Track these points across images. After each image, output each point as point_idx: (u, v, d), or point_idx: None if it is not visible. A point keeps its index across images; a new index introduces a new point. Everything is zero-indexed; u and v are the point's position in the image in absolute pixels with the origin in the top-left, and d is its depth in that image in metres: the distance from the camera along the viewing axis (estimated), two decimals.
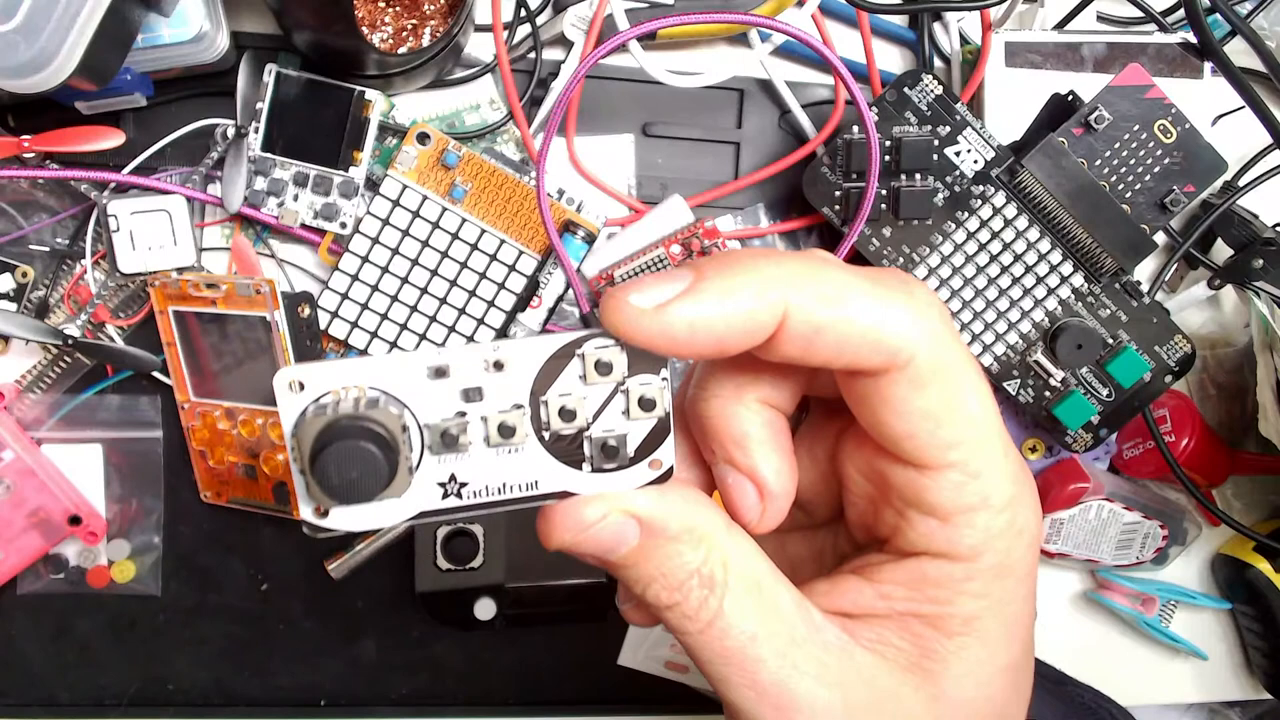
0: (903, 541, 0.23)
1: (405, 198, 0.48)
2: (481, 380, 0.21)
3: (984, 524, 0.22)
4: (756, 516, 0.23)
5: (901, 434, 0.21)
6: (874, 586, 0.23)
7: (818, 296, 0.20)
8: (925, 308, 0.21)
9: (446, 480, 0.21)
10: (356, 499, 0.20)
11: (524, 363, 0.21)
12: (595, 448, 0.21)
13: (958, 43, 0.53)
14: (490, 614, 0.50)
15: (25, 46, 0.36)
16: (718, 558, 0.22)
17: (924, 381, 0.21)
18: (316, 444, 0.19)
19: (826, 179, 0.49)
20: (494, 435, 0.21)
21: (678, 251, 0.49)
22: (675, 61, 0.52)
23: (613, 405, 0.21)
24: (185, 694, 0.53)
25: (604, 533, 0.21)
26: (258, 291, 0.45)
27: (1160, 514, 0.54)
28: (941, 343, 0.21)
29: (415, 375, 0.20)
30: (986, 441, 0.21)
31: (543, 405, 0.21)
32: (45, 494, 0.47)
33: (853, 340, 0.20)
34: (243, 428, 0.48)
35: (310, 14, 0.44)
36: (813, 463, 0.26)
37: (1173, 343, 0.49)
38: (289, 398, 0.20)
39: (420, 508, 0.21)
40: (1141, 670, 0.59)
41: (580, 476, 0.21)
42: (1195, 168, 0.47)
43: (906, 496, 0.22)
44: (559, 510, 0.21)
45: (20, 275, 0.48)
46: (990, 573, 0.22)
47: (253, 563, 0.52)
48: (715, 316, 0.20)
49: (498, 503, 0.21)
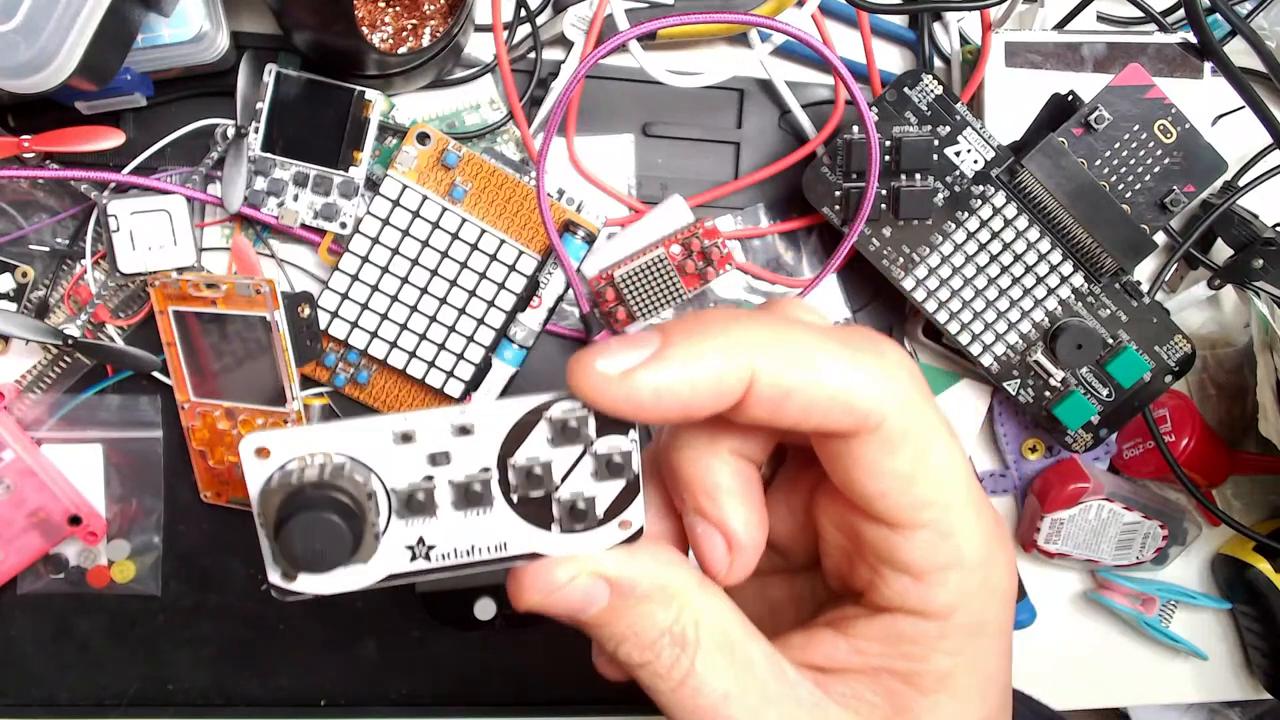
0: (877, 597, 0.23)
1: (405, 198, 0.48)
2: (448, 444, 0.21)
3: (957, 583, 0.22)
4: (725, 568, 0.23)
5: (873, 494, 0.21)
6: (848, 641, 0.23)
7: (785, 360, 0.20)
8: (895, 369, 0.21)
9: (415, 543, 0.21)
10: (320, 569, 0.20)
11: (491, 426, 0.21)
12: (564, 510, 0.21)
13: (958, 43, 0.53)
14: (490, 614, 0.50)
15: (25, 46, 0.36)
16: (689, 616, 0.22)
17: (895, 443, 0.21)
18: (281, 513, 0.20)
19: (826, 179, 0.49)
20: (461, 499, 0.21)
21: (678, 251, 0.49)
22: (675, 61, 0.52)
23: (581, 467, 0.21)
24: (185, 694, 0.53)
25: (573, 594, 0.21)
26: (258, 291, 0.45)
27: (1160, 514, 0.54)
28: (912, 404, 0.21)
29: (382, 440, 0.21)
30: (959, 501, 0.22)
31: (510, 468, 0.21)
32: (45, 494, 0.47)
33: (821, 403, 0.20)
34: (243, 428, 0.48)
35: (310, 14, 0.44)
36: (790, 511, 0.26)
37: (1173, 343, 0.49)
38: (254, 464, 0.20)
39: (388, 570, 0.21)
40: (1141, 670, 0.59)
41: (549, 537, 0.22)
42: (1195, 168, 0.47)
43: (880, 553, 0.22)
44: (528, 572, 0.22)
45: (20, 275, 0.48)
46: (964, 630, 0.22)
47: (253, 563, 0.52)
48: (681, 382, 0.20)
49: (466, 564, 0.22)
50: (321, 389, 0.51)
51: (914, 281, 0.49)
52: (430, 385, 0.50)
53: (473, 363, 0.50)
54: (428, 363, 0.49)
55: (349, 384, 0.50)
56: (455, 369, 0.50)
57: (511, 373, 0.50)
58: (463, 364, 0.50)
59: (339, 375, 0.50)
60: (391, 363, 0.49)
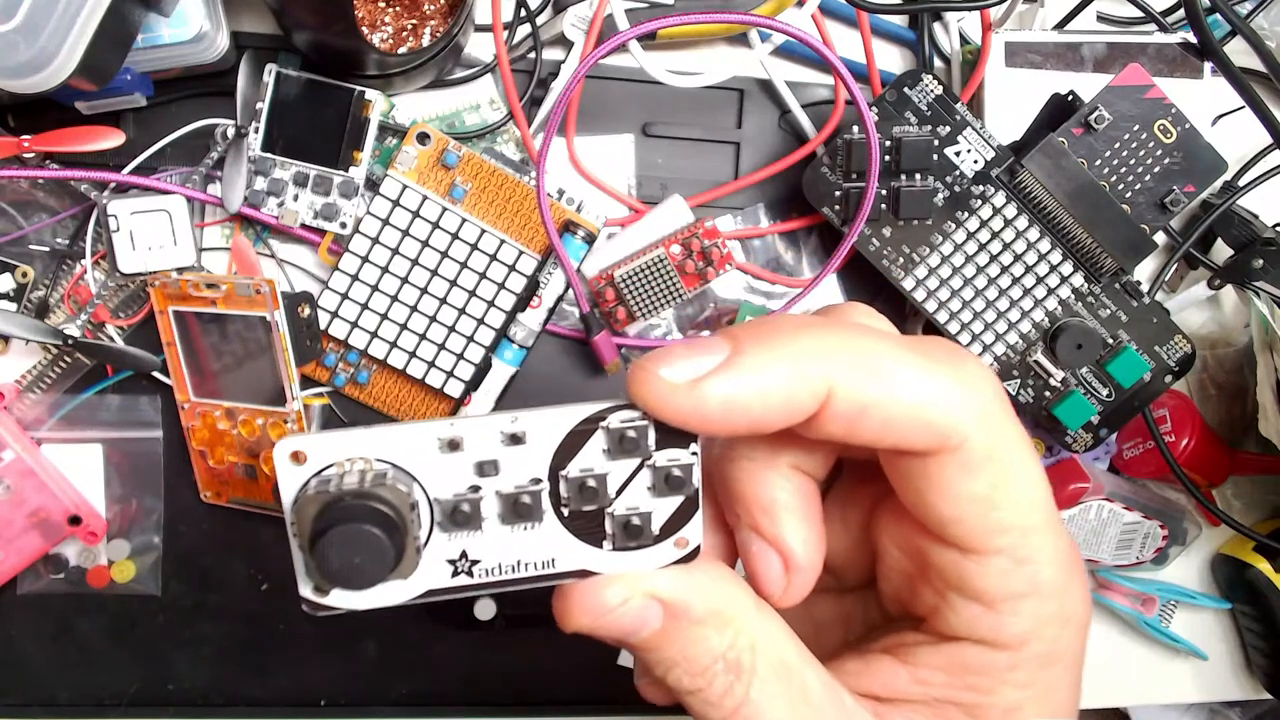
0: (942, 624, 0.21)
1: (405, 198, 0.48)
2: (497, 453, 0.19)
3: (1032, 611, 0.20)
4: (780, 590, 0.22)
5: (948, 518, 0.20)
6: (909, 670, 0.22)
7: (864, 372, 0.19)
8: (978, 384, 0.20)
9: (457, 558, 0.20)
10: (358, 585, 0.19)
11: (544, 436, 0.19)
12: (618, 526, 0.20)
13: (958, 43, 0.53)
14: (490, 614, 0.50)
15: (25, 46, 0.36)
16: (745, 641, 0.20)
17: (975, 465, 0.19)
18: (317, 525, 0.18)
19: (826, 179, 0.49)
20: (509, 512, 0.20)
21: (678, 251, 0.49)
22: (675, 61, 0.52)
23: (638, 481, 0.20)
24: (185, 694, 0.53)
25: (625, 617, 0.20)
26: (258, 291, 0.45)
27: (1160, 514, 0.54)
28: (994, 423, 0.19)
29: (427, 447, 0.19)
30: (1038, 526, 0.20)
31: (563, 481, 0.20)
32: (45, 494, 0.47)
33: (900, 421, 0.19)
34: (243, 428, 0.48)
35: (310, 14, 0.44)
36: (844, 528, 0.24)
37: (1173, 343, 0.49)
38: (290, 470, 0.19)
39: (428, 586, 0.20)
40: (1141, 670, 0.59)
41: (600, 555, 0.20)
42: (1195, 168, 0.47)
43: (949, 579, 0.21)
44: (577, 592, 0.20)
45: (20, 275, 0.48)
46: (1036, 662, 0.21)
47: (253, 563, 0.52)
48: (752, 395, 0.18)
49: (511, 581, 0.20)
50: (321, 389, 0.51)
51: (914, 281, 0.49)
52: (430, 385, 0.50)
53: (473, 363, 0.50)
54: (428, 363, 0.49)
55: (349, 384, 0.50)
56: (455, 369, 0.50)
57: (511, 373, 0.50)
58: (463, 364, 0.50)
59: (339, 375, 0.50)
60: (391, 363, 0.49)
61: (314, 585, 0.20)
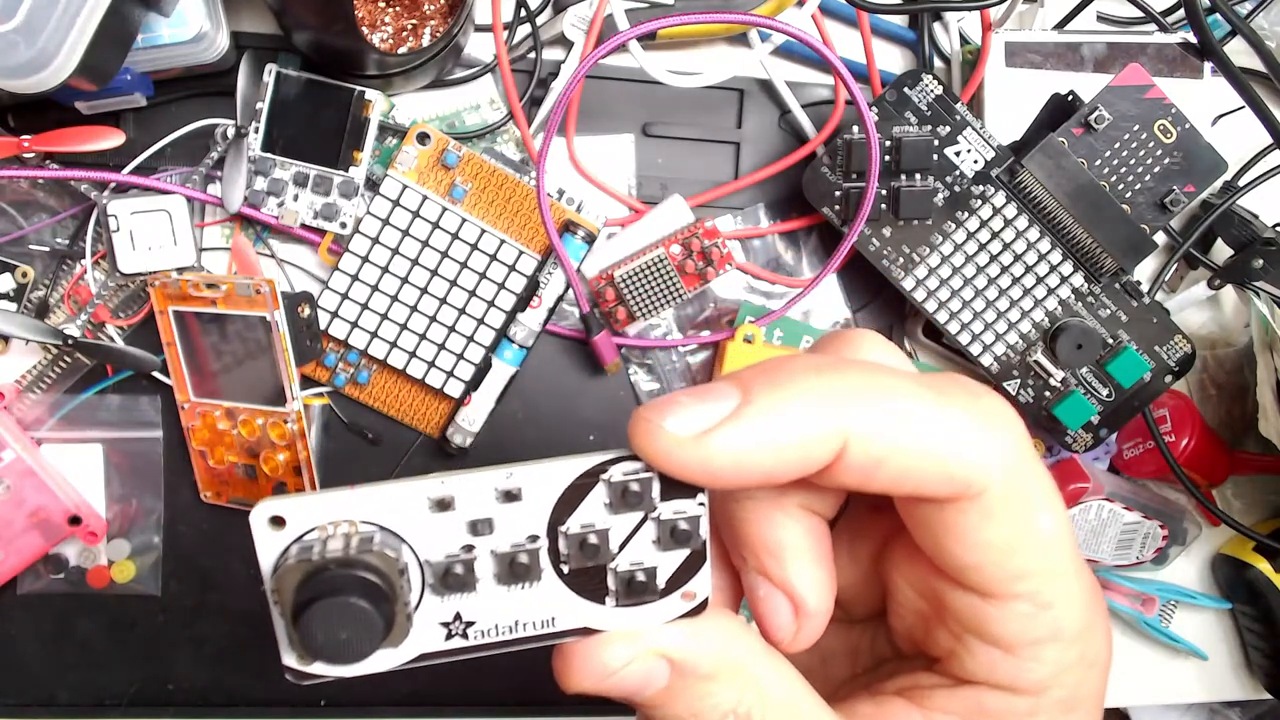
0: (958, 668, 0.21)
1: (405, 198, 0.48)
2: (492, 511, 0.18)
3: (1054, 657, 0.20)
4: (789, 635, 0.21)
5: (967, 565, 0.19)
6: (924, 714, 0.21)
7: (880, 421, 0.18)
8: (999, 427, 0.19)
9: (451, 620, 0.19)
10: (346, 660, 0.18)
11: (541, 491, 0.18)
12: (621, 582, 0.19)
13: (958, 43, 0.53)
14: None
15: (25, 46, 0.36)
16: (753, 696, 0.19)
17: (996, 512, 0.19)
18: (299, 597, 0.17)
19: (826, 179, 0.49)
20: (505, 572, 0.19)
21: (678, 251, 0.49)
22: (675, 61, 0.52)
23: (641, 534, 0.19)
24: (185, 694, 0.53)
25: (630, 677, 0.19)
26: (258, 291, 0.45)
27: (1160, 514, 0.54)
28: (1016, 468, 0.19)
29: (415, 507, 0.18)
30: (1061, 570, 0.19)
31: (562, 537, 0.19)
32: (45, 494, 0.47)
33: (919, 471, 0.18)
34: (243, 428, 0.48)
35: (310, 14, 0.44)
36: (853, 561, 0.23)
37: (1173, 343, 0.49)
38: (267, 535, 0.18)
39: (420, 651, 0.19)
40: (1141, 670, 0.59)
41: (603, 612, 0.19)
42: (1195, 168, 0.47)
43: (966, 623, 0.20)
44: (579, 651, 0.19)
45: (20, 275, 0.48)
46: (1057, 708, 0.20)
47: (253, 563, 0.52)
48: (764, 448, 0.17)
49: (509, 642, 0.19)
50: (321, 389, 0.51)
51: (914, 281, 0.49)
52: (430, 385, 0.50)
53: (473, 363, 0.50)
54: (428, 363, 0.49)
55: (349, 384, 0.50)
56: (455, 369, 0.50)
57: (511, 373, 0.50)
58: (463, 364, 0.50)
59: (339, 375, 0.50)
60: (391, 363, 0.49)
61: (297, 655, 0.19)
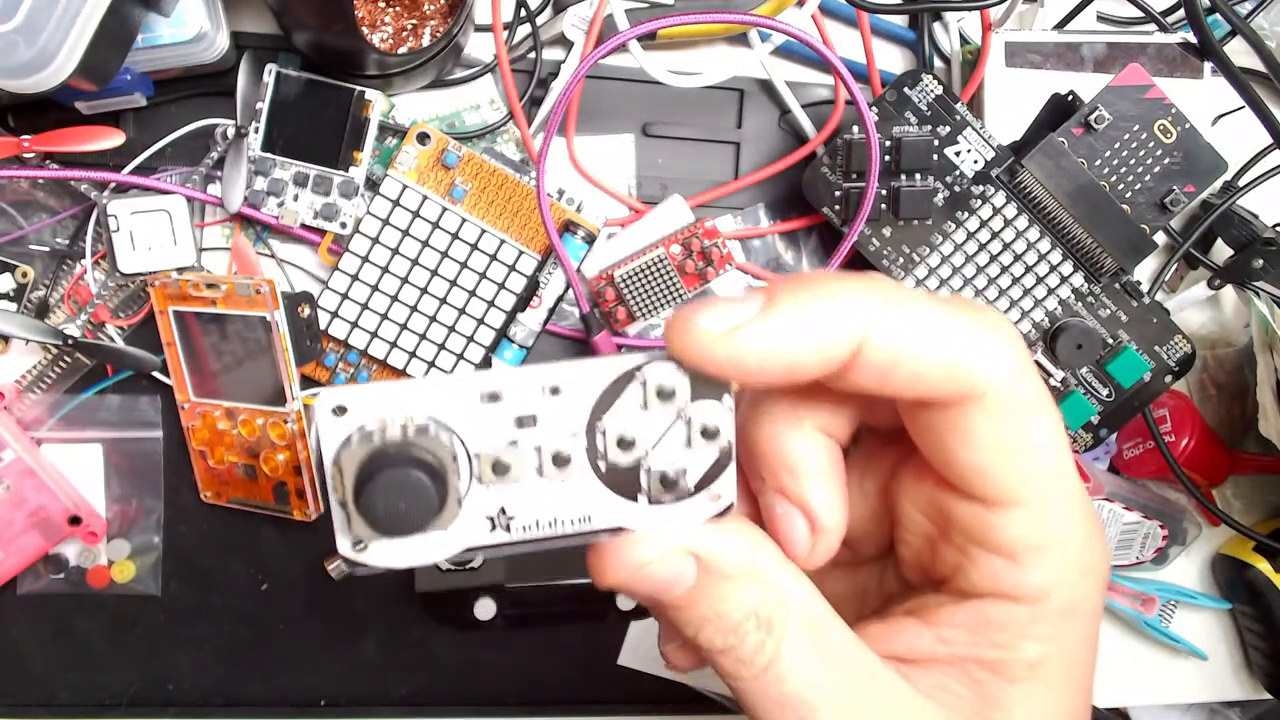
0: (964, 582, 0.21)
1: (405, 198, 0.48)
2: (536, 407, 0.20)
3: (1053, 563, 0.21)
4: (806, 551, 0.22)
5: (972, 468, 0.20)
6: (932, 630, 0.22)
7: (896, 324, 0.19)
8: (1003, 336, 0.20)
9: (495, 513, 0.20)
10: (403, 531, 0.19)
11: (582, 388, 0.20)
12: (653, 479, 0.20)
13: (958, 43, 0.53)
14: (490, 614, 0.50)
15: (25, 46, 0.36)
16: (775, 598, 0.20)
17: (1000, 413, 0.20)
18: (362, 473, 0.18)
19: (826, 179, 0.49)
20: (547, 465, 0.20)
21: (678, 251, 0.49)
22: (675, 61, 0.52)
23: (673, 434, 0.20)
24: (185, 694, 0.53)
25: (660, 572, 0.20)
26: (258, 291, 0.45)
27: (1160, 514, 0.54)
28: (1019, 374, 0.20)
29: (466, 400, 0.19)
30: (1058, 476, 0.20)
31: (600, 433, 0.20)
32: (45, 494, 0.47)
33: (929, 370, 0.19)
34: (243, 428, 0.48)
35: (310, 14, 0.44)
36: (862, 497, 0.24)
37: (1173, 343, 0.49)
38: (331, 423, 0.19)
39: (467, 543, 0.20)
40: (1141, 670, 0.59)
41: (636, 510, 0.20)
42: (1195, 168, 0.47)
43: (971, 534, 0.21)
44: (613, 548, 0.20)
45: (20, 275, 0.48)
46: (1057, 615, 0.21)
47: (253, 563, 0.52)
48: (788, 343, 0.19)
49: (548, 538, 0.20)
50: (321, 389, 0.51)
51: (914, 282, 0.49)
52: None
53: (473, 363, 0.50)
54: (428, 363, 0.49)
55: (349, 384, 0.50)
56: (455, 369, 0.50)
57: None
58: (463, 364, 0.50)
59: (339, 375, 0.50)
60: (391, 363, 0.49)
61: (353, 540, 0.20)
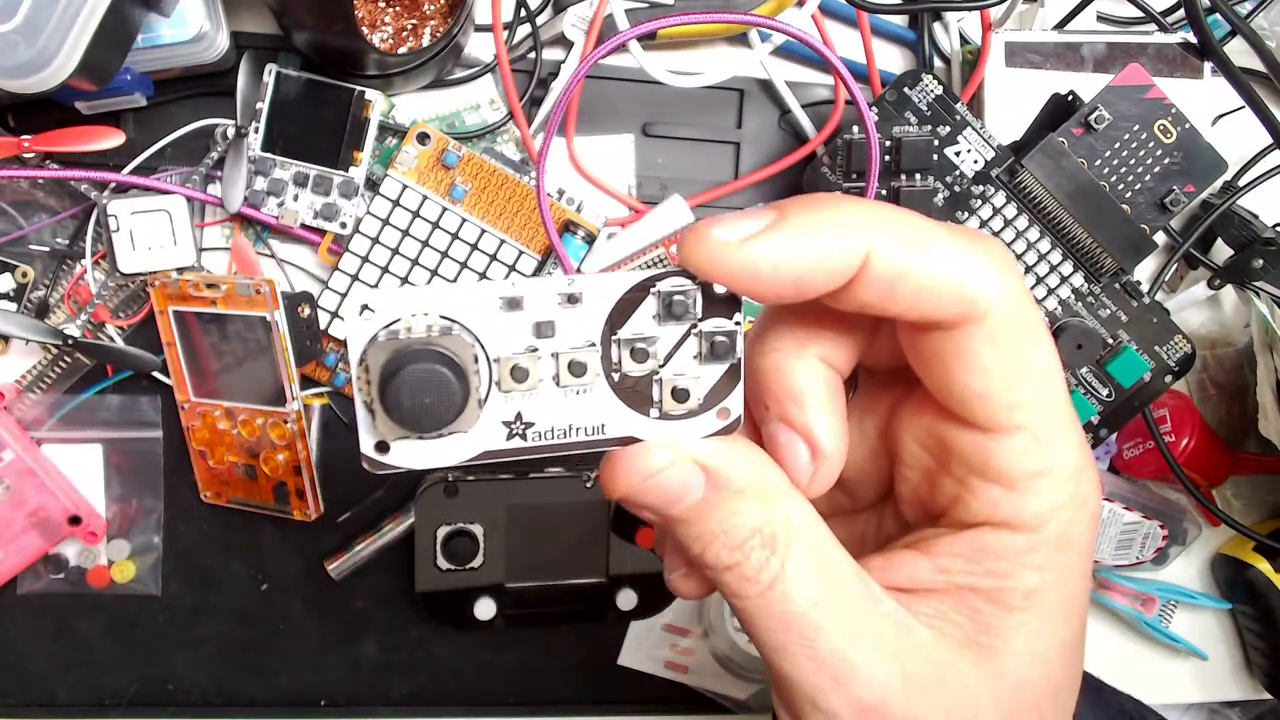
0: (963, 511, 0.22)
1: (405, 198, 0.48)
2: (555, 314, 0.20)
3: (1050, 491, 0.21)
4: (807, 478, 0.22)
5: (971, 392, 0.21)
6: (931, 560, 0.22)
7: (901, 241, 0.20)
8: (1003, 261, 0.20)
9: (513, 419, 0.21)
10: (427, 426, 0.19)
11: (599, 298, 0.20)
12: (665, 391, 0.21)
13: (958, 43, 0.53)
14: (490, 614, 0.50)
15: (25, 46, 0.36)
16: (780, 516, 0.21)
17: (998, 336, 0.20)
18: (388, 369, 0.19)
19: (826, 179, 0.49)
20: (564, 373, 0.20)
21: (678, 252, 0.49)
22: (675, 61, 0.52)
23: (685, 348, 0.21)
24: (185, 694, 0.53)
25: (669, 480, 0.21)
26: (258, 291, 0.45)
27: (1160, 514, 0.54)
28: (1018, 298, 0.20)
29: (488, 306, 0.20)
30: (1055, 406, 0.21)
31: (615, 344, 0.21)
32: (45, 494, 0.47)
33: (932, 288, 0.20)
34: (243, 428, 0.48)
35: (310, 14, 0.44)
36: (861, 439, 0.25)
37: (1173, 343, 0.49)
38: (358, 323, 0.20)
39: (484, 447, 0.21)
40: (1141, 670, 0.59)
41: (647, 422, 0.21)
42: (1195, 168, 0.47)
43: (970, 462, 0.21)
44: (625, 455, 0.21)
45: (20, 275, 0.48)
46: (1052, 544, 0.21)
47: (253, 563, 0.52)
48: (799, 254, 0.19)
49: (562, 445, 0.21)
50: (321, 389, 0.51)
51: None
52: None
53: None
54: None
55: (349, 384, 0.50)
56: None
57: None
58: None
59: (339, 375, 0.50)
60: None
61: (376, 443, 0.20)
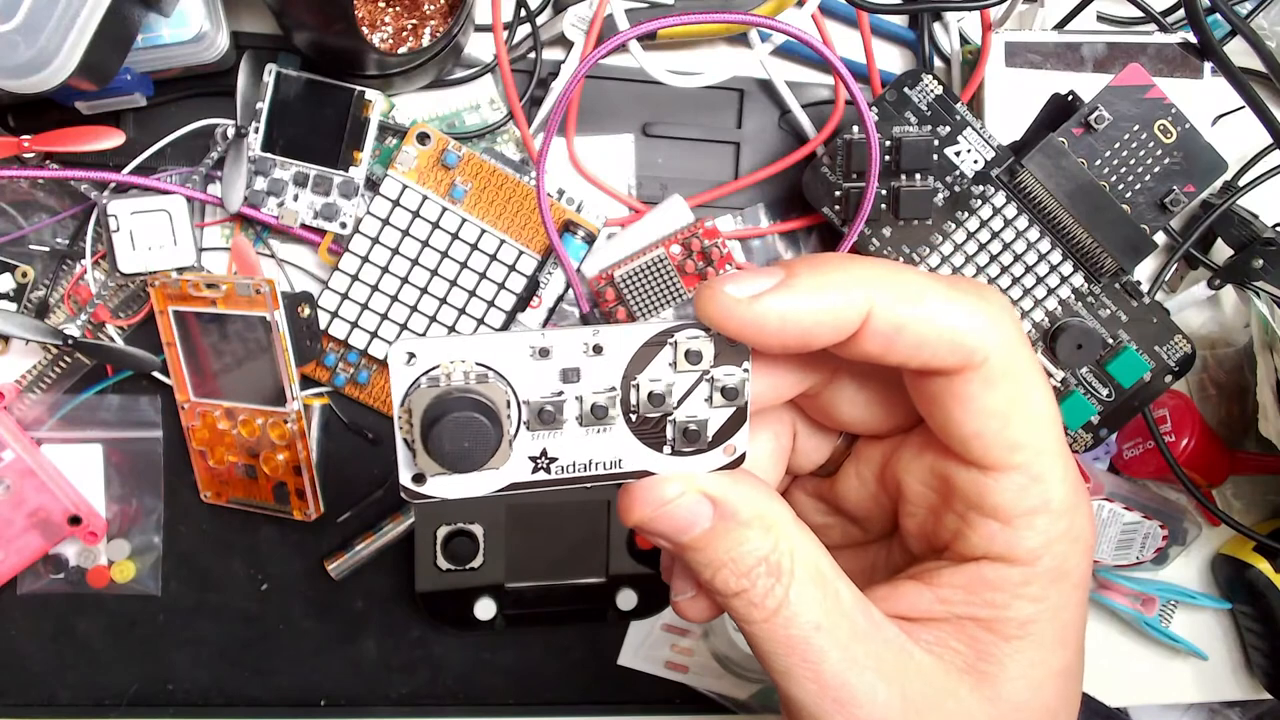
0: (963, 545, 0.23)
1: (405, 198, 0.48)
2: (580, 362, 0.22)
3: (1044, 527, 0.22)
4: None
5: (970, 433, 0.22)
6: (932, 590, 0.23)
7: (900, 296, 0.21)
8: (999, 311, 0.22)
9: (538, 455, 0.23)
10: (465, 468, 0.21)
11: (621, 348, 0.22)
12: (677, 431, 0.23)
13: (958, 43, 0.53)
14: (490, 614, 0.50)
15: (25, 46, 0.36)
16: (785, 546, 0.22)
17: (994, 381, 0.22)
18: (429, 413, 0.21)
19: (826, 179, 0.49)
20: (587, 415, 0.22)
21: (678, 252, 0.49)
22: (675, 61, 0.52)
23: (697, 392, 0.23)
24: (185, 694, 0.53)
25: (679, 511, 0.22)
26: (258, 291, 0.45)
27: (1160, 514, 0.54)
28: (1013, 345, 0.22)
29: (520, 354, 0.22)
30: (1050, 445, 0.22)
31: (634, 389, 0.22)
32: (45, 494, 0.47)
33: (931, 339, 0.21)
34: (243, 428, 0.48)
35: (310, 14, 0.44)
36: (861, 483, 0.27)
37: (1173, 343, 0.49)
38: (402, 370, 0.21)
39: (512, 479, 0.23)
40: (1141, 670, 0.59)
41: (660, 458, 0.23)
42: (1195, 168, 0.47)
43: (969, 499, 0.23)
44: (639, 487, 0.23)
45: (20, 275, 0.48)
46: (1047, 577, 0.22)
47: (253, 563, 0.52)
48: (805, 310, 0.21)
49: (582, 479, 0.23)
50: (321, 389, 0.51)
51: None
52: None
53: None
54: None
55: (349, 384, 0.50)
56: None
57: None
58: None
59: (339, 375, 0.50)
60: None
61: (413, 475, 0.22)
